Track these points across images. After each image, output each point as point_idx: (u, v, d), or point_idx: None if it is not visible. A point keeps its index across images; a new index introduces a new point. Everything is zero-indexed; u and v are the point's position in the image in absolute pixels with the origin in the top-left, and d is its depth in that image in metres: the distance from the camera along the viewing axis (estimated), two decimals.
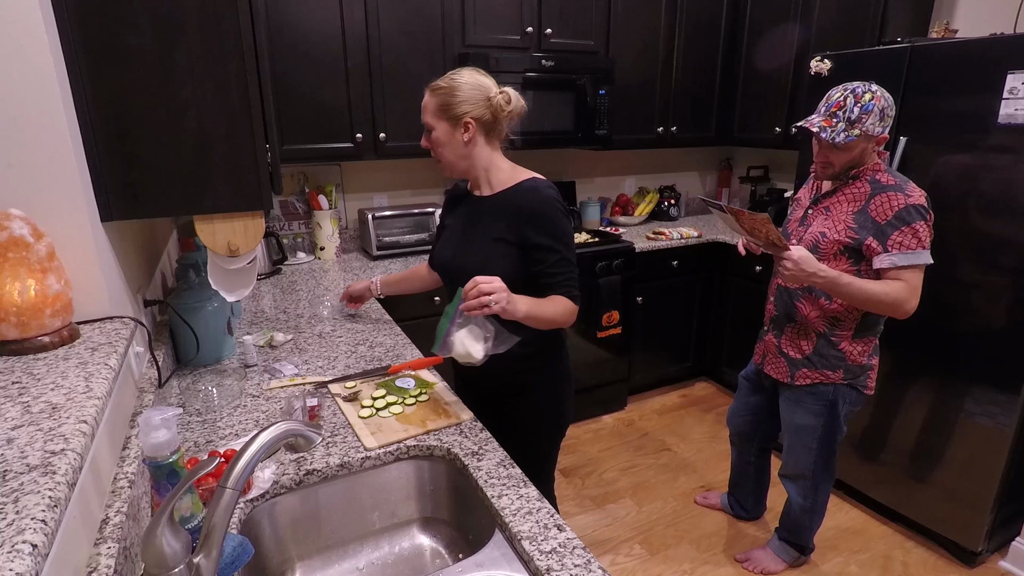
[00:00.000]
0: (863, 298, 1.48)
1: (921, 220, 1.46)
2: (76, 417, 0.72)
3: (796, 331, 1.68)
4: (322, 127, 2.39)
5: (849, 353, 1.63)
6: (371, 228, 2.64)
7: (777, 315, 1.74)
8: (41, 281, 0.89)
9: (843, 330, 1.62)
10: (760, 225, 1.46)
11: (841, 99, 1.47)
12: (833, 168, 1.55)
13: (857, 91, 1.46)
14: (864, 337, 1.63)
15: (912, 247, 1.46)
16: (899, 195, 1.48)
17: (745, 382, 2.02)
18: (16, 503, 0.57)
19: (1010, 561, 2.05)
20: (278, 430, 0.76)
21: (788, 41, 2.90)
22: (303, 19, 2.26)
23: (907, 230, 1.46)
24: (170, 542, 0.69)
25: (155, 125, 1.04)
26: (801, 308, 1.65)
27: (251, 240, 1.19)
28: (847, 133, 1.45)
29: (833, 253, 1.55)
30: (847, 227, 1.53)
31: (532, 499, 1.02)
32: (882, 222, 1.48)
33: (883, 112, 1.46)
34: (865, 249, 1.50)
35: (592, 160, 3.42)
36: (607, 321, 2.88)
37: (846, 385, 1.67)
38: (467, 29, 2.55)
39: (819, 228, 1.59)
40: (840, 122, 1.46)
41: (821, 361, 1.65)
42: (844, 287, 1.47)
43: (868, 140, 1.48)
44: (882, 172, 1.53)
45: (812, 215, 1.64)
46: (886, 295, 1.46)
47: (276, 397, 1.38)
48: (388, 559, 1.18)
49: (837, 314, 1.60)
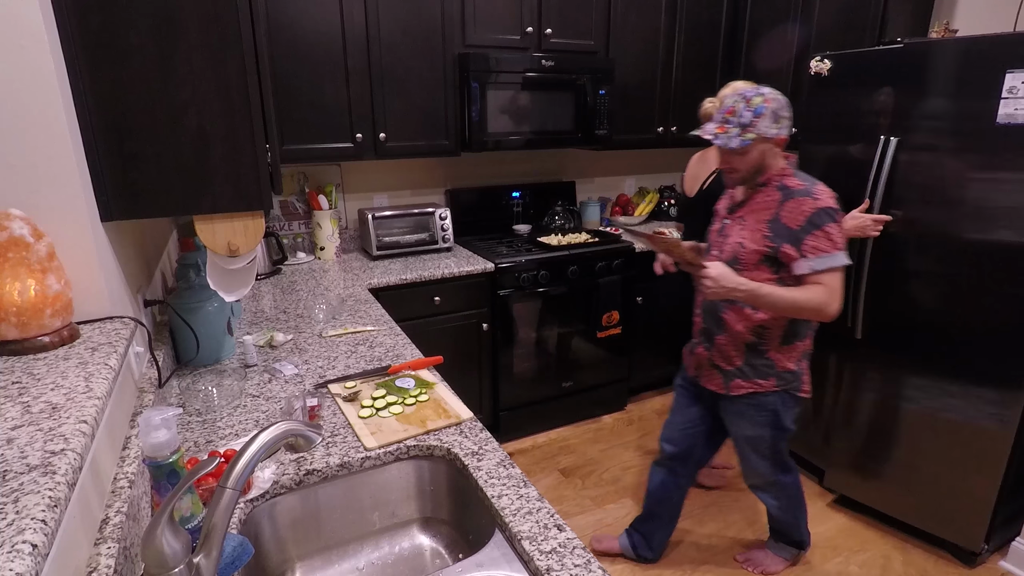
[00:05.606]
0: (785, 306, 1.50)
1: (832, 222, 1.48)
2: (76, 417, 0.72)
3: (725, 343, 1.68)
4: (322, 127, 2.39)
5: (778, 360, 1.64)
6: (371, 228, 2.64)
7: (705, 328, 1.74)
8: (41, 281, 0.89)
9: (770, 339, 1.62)
10: (673, 247, 1.51)
11: (733, 105, 1.50)
12: (739, 173, 1.56)
13: (747, 95, 1.48)
14: (791, 344, 1.63)
15: (827, 250, 1.47)
16: (808, 199, 1.49)
17: (683, 392, 1.94)
18: (16, 503, 0.57)
19: (1010, 561, 2.05)
20: (278, 430, 0.76)
21: (788, 41, 2.90)
22: (303, 19, 2.26)
23: (820, 234, 1.47)
24: (170, 542, 0.69)
25: (155, 125, 1.04)
26: (728, 320, 1.65)
27: (251, 240, 1.19)
28: (741, 137, 1.47)
29: (754, 263, 1.56)
30: (763, 236, 1.54)
31: (532, 499, 1.02)
32: (795, 228, 1.49)
33: (776, 113, 1.48)
34: (782, 256, 1.51)
35: (592, 160, 3.42)
36: (607, 321, 2.88)
37: (782, 391, 1.67)
38: (467, 29, 2.55)
39: (737, 238, 1.60)
40: (733, 127, 1.48)
41: (752, 371, 1.66)
42: (765, 298, 1.49)
43: (765, 142, 1.50)
44: (790, 176, 1.55)
45: (729, 225, 1.65)
46: (807, 301, 1.47)
47: (276, 397, 1.38)
48: (388, 559, 1.18)
49: (763, 323, 1.60)
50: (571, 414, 3.01)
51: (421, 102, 2.54)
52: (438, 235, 2.74)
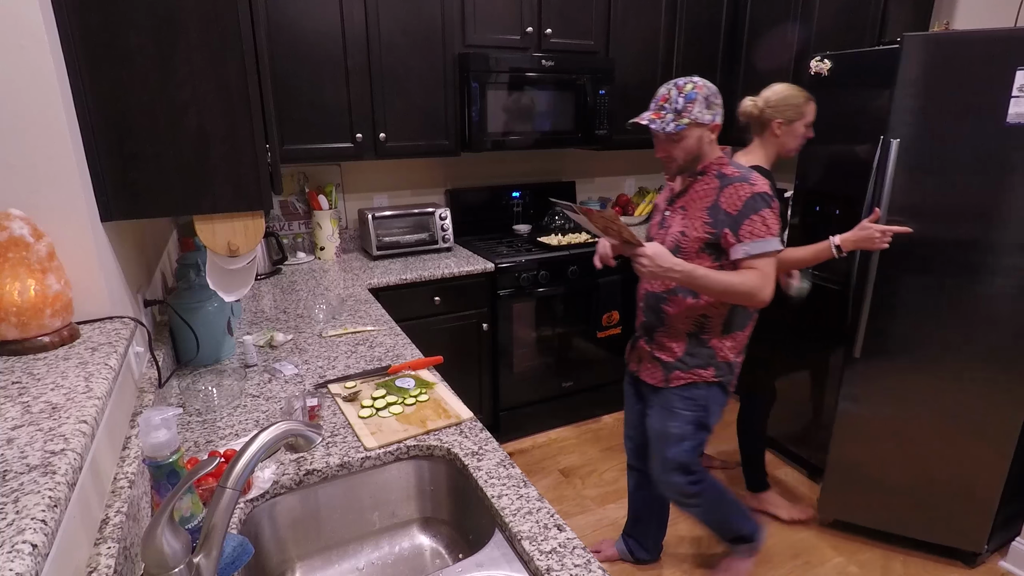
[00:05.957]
0: (720, 289, 1.51)
1: (767, 207, 1.51)
2: (76, 417, 0.72)
3: (666, 334, 1.68)
4: (322, 127, 2.39)
5: (719, 349, 1.65)
6: (371, 228, 2.64)
7: (647, 320, 1.74)
8: (41, 281, 0.89)
9: (711, 328, 1.64)
10: (611, 222, 1.48)
11: (666, 92, 1.54)
12: (676, 162, 1.58)
13: (679, 83, 1.53)
14: (731, 334, 1.66)
15: (762, 235, 1.50)
16: (744, 185, 1.52)
17: (629, 389, 1.95)
18: (16, 503, 0.57)
19: (1010, 561, 2.05)
20: (278, 430, 0.76)
21: (788, 41, 2.90)
22: (303, 19, 2.26)
23: (756, 218, 1.50)
24: (170, 542, 0.69)
25: (155, 125, 1.04)
26: (669, 310, 1.65)
27: (251, 240, 1.19)
28: (676, 123, 1.51)
29: (695, 251, 1.57)
30: (704, 223, 1.55)
31: (532, 499, 1.02)
32: (734, 213, 1.51)
33: (708, 100, 1.52)
34: (723, 241, 1.53)
35: (592, 160, 3.42)
36: (607, 321, 2.88)
37: (716, 384, 1.67)
38: (467, 29, 2.55)
39: (678, 228, 1.61)
40: (668, 113, 1.52)
41: (693, 360, 1.66)
42: (700, 279, 1.49)
43: (700, 128, 1.53)
44: (726, 165, 1.58)
45: (670, 216, 1.66)
46: (741, 284, 1.49)
47: (276, 397, 1.38)
48: (388, 559, 1.18)
49: (704, 312, 1.62)
50: (571, 414, 3.01)
51: (421, 102, 2.54)
52: (438, 235, 2.74)
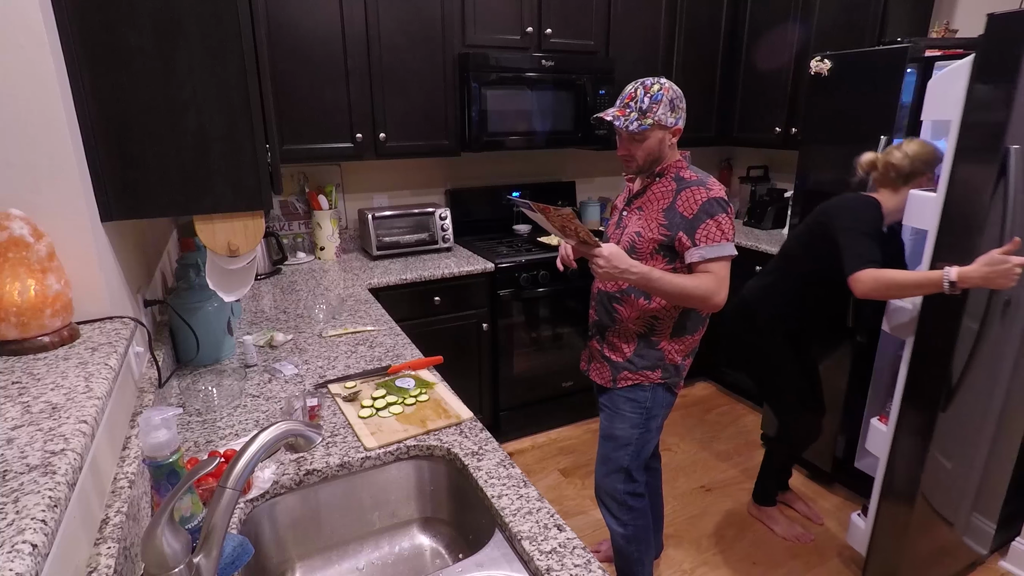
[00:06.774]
0: (675, 292, 1.51)
1: (723, 212, 1.51)
2: (76, 417, 0.72)
3: (617, 334, 1.69)
4: (322, 127, 2.39)
5: (668, 352, 1.65)
6: (371, 228, 2.64)
7: (598, 320, 1.74)
8: (41, 281, 0.89)
9: (661, 329, 1.64)
10: (568, 222, 1.47)
11: (632, 91, 1.53)
12: (636, 162, 1.58)
13: (647, 83, 1.53)
14: (681, 337, 1.66)
15: (717, 239, 1.50)
16: (701, 189, 1.52)
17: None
18: (16, 503, 0.57)
19: (1010, 561, 2.05)
20: (278, 430, 0.76)
21: (788, 41, 2.90)
22: (303, 19, 2.26)
23: (711, 223, 1.50)
24: (170, 542, 0.69)
25: (155, 125, 1.04)
26: (621, 311, 1.66)
27: (251, 240, 1.19)
28: (640, 122, 1.51)
29: (650, 252, 1.57)
30: (659, 224, 1.56)
31: (532, 499, 1.02)
32: (690, 216, 1.52)
33: (672, 103, 1.52)
34: (677, 244, 1.54)
35: (592, 160, 3.42)
36: None
37: (662, 386, 1.68)
38: (467, 29, 2.55)
39: (635, 228, 1.61)
40: (633, 112, 1.52)
41: (641, 362, 1.66)
42: (656, 282, 1.49)
43: (663, 130, 1.53)
44: (685, 169, 1.59)
45: (627, 216, 1.66)
46: (696, 288, 1.49)
47: (276, 397, 1.38)
48: (388, 559, 1.18)
49: (656, 313, 1.62)
50: (571, 414, 3.01)
51: (421, 102, 2.54)
52: (438, 235, 2.75)
